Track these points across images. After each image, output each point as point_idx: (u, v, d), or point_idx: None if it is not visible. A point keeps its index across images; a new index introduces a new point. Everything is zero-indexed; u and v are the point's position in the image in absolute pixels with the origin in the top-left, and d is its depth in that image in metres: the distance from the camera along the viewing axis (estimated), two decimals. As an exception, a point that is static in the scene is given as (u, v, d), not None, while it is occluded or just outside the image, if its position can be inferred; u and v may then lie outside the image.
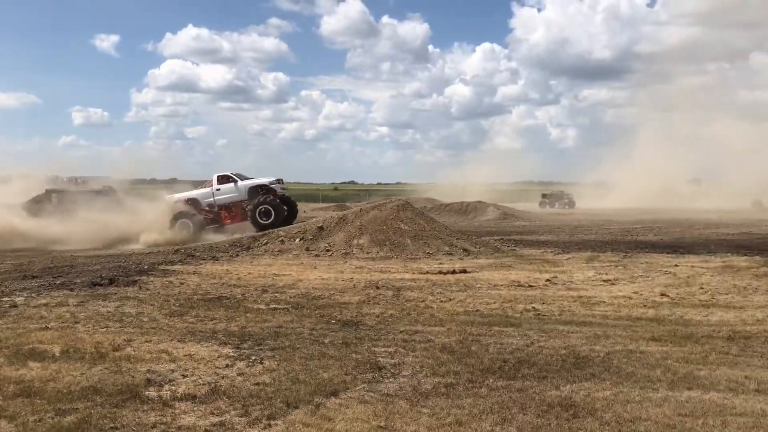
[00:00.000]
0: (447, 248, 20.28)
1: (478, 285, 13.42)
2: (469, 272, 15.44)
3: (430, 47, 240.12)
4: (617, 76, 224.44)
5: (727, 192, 69.26)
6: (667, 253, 20.35)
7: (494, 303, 11.20)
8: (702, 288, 13.02)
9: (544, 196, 73.65)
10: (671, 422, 5.26)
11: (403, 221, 21.53)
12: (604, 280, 14.14)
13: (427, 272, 15.38)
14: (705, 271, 15.71)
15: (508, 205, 54.24)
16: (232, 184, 26.50)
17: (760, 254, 19.42)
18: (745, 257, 18.70)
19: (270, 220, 24.97)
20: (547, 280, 14.18)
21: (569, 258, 18.88)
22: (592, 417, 5.41)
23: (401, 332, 8.73)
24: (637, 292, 12.42)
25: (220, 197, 26.48)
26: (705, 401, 5.82)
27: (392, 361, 7.22)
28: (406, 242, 20.25)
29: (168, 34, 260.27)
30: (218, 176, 26.76)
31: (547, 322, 9.58)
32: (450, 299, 11.57)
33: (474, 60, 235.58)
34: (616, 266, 16.66)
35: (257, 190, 26.26)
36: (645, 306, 10.98)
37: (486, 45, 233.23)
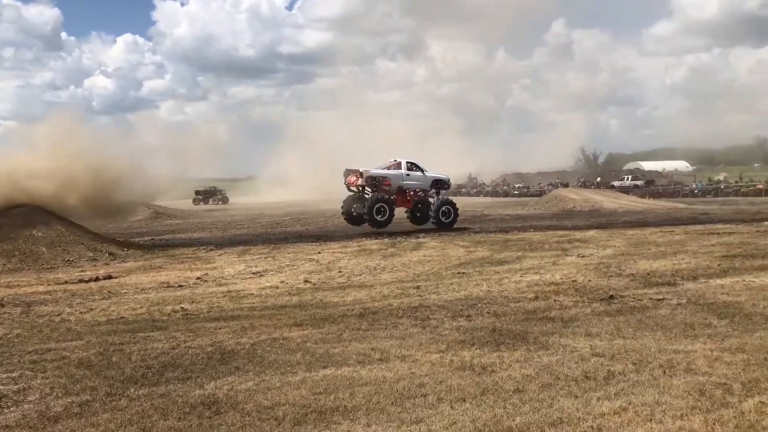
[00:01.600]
0: (91, 254, 18.77)
1: (124, 290, 12.69)
2: (115, 278, 14.52)
3: (64, 35, 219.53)
4: (263, 75, 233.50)
5: None
6: (312, 241, 21.83)
7: (141, 308, 10.70)
8: (340, 271, 14.25)
9: (197, 192, 72.85)
10: (307, 402, 5.62)
11: (36, 227, 19.28)
12: (253, 273, 14.56)
13: (66, 282, 14.01)
14: (343, 255, 17.23)
15: (160, 203, 52.29)
16: (420, 173, 26.49)
17: (388, 237, 22.02)
18: (376, 240, 21.02)
19: (449, 220, 25.67)
20: (198, 278, 14.08)
21: (221, 254, 19.02)
22: (234, 410, 5.50)
23: (30, 353, 7.78)
24: (283, 282, 13.05)
25: (409, 182, 26.18)
26: (337, 377, 6.35)
27: (15, 387, 6.38)
28: (41, 251, 18.18)
29: None
30: (407, 162, 26.54)
31: (195, 321, 9.48)
32: (91, 309, 10.71)
33: (115, 51, 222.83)
34: (266, 258, 17.30)
35: (437, 184, 26.64)
36: (290, 294, 11.59)
37: (128, 36, 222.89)
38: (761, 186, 60.13)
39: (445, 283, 12.12)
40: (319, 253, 18.03)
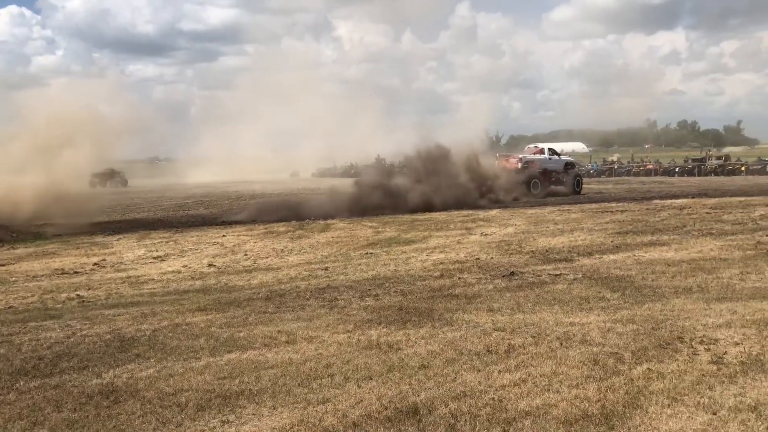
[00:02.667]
0: (-25, 240, 17.59)
1: (14, 278, 11.99)
2: (3, 265, 13.69)
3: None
4: (163, 53, 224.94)
5: (282, 165, 76.19)
6: (217, 224, 21.34)
7: (32, 296, 10.14)
8: (246, 254, 14.01)
9: (94, 175, 69.49)
10: (211, 387, 5.49)
11: None
12: (154, 258, 14.08)
13: (-53, 271, 13.07)
14: (249, 238, 16.94)
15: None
16: (557, 157, 35.08)
17: (296, 219, 21.80)
18: (283, 223, 20.77)
19: (580, 189, 33.64)
20: (95, 263, 13.48)
21: (120, 238, 18.27)
22: (134, 398, 5.30)
23: None
24: (186, 266, 12.70)
25: (550, 165, 33.83)
26: (243, 361, 6.24)
27: None
28: None
29: None
30: (548, 148, 35.68)
31: (92, 308, 9.06)
32: (-25, 299, 10.05)
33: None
34: (167, 242, 16.77)
35: (567, 165, 34.90)
36: (193, 278, 11.29)
37: (13, 8, 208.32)
38: (651, 166, 63.76)
39: (354, 263, 12.15)
40: (223, 236, 17.64)
